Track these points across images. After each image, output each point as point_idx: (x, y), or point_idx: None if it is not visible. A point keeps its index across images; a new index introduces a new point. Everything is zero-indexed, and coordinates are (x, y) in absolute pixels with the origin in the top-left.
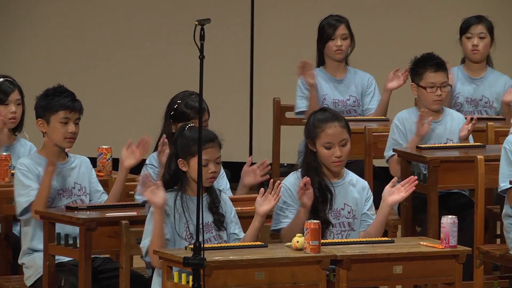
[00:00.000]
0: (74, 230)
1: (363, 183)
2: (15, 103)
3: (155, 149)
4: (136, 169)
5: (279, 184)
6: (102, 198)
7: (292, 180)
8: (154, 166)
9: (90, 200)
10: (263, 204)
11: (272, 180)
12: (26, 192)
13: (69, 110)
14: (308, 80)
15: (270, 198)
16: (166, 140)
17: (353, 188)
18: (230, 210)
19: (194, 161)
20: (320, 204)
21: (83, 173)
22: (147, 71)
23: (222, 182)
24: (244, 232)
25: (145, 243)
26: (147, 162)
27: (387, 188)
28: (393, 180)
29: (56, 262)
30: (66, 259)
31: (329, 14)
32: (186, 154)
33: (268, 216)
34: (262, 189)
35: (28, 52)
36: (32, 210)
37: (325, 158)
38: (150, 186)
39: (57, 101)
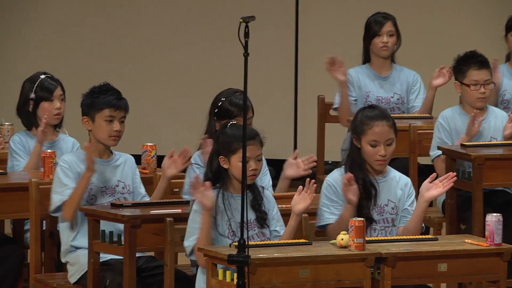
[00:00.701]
0: (119, 227)
1: (405, 180)
2: (59, 99)
3: (199, 148)
4: (186, 167)
5: (314, 182)
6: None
7: (335, 177)
8: (199, 165)
9: (133, 199)
10: (299, 202)
11: (308, 178)
12: (61, 190)
13: (114, 108)
14: (338, 77)
15: (306, 197)
16: (208, 139)
17: (396, 184)
18: (272, 207)
19: (234, 158)
20: (364, 200)
21: (127, 171)
22: (191, 68)
23: (265, 179)
24: None
25: (190, 242)
26: (192, 161)
27: (425, 183)
28: (431, 175)
29: (101, 260)
30: (110, 257)
31: (377, 12)
32: (227, 151)
33: (312, 214)
34: (300, 187)
35: (71, 49)
36: (63, 211)
37: (369, 156)
38: (200, 187)
39: (103, 99)
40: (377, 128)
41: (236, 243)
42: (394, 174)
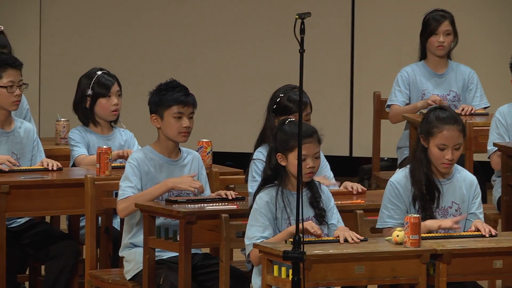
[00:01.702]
0: (174, 223)
1: (471, 179)
2: (116, 95)
3: (261, 143)
4: (242, 163)
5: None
6: None
7: (399, 178)
8: (262, 160)
9: None
10: None
11: None
12: (124, 186)
13: (183, 105)
14: None
15: None
16: None
17: (461, 185)
18: (329, 201)
19: (292, 156)
20: (428, 201)
21: (194, 169)
22: (247, 65)
23: (326, 171)
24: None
25: (250, 241)
26: (254, 156)
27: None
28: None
29: (156, 259)
30: (166, 256)
31: (434, 9)
32: (284, 148)
33: (367, 210)
34: None
35: (126, 45)
36: (120, 205)
37: (435, 158)
38: None
39: (170, 96)
40: (447, 132)
41: (292, 240)
42: (460, 174)
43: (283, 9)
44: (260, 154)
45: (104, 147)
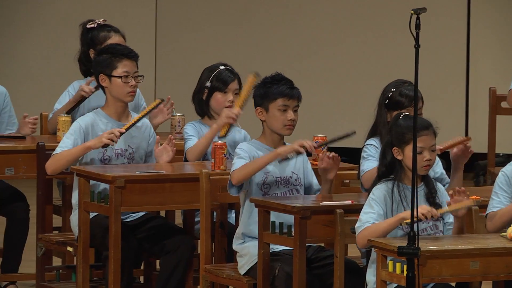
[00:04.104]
0: (289, 218)
1: None
2: (233, 92)
3: (373, 135)
4: (356, 158)
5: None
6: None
7: (510, 167)
8: (374, 146)
9: (304, 192)
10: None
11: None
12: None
13: (288, 98)
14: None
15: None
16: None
17: None
18: (445, 200)
19: (408, 149)
20: None
21: (300, 163)
22: (362, 60)
23: (438, 169)
24: None
25: (359, 223)
26: (366, 143)
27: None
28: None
29: (270, 251)
30: (280, 248)
31: None
32: (400, 142)
33: (482, 206)
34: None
35: (243, 41)
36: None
37: None
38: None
39: (275, 89)
40: None
41: (408, 220)
42: None
43: (398, 4)
44: (372, 141)
45: (219, 142)
